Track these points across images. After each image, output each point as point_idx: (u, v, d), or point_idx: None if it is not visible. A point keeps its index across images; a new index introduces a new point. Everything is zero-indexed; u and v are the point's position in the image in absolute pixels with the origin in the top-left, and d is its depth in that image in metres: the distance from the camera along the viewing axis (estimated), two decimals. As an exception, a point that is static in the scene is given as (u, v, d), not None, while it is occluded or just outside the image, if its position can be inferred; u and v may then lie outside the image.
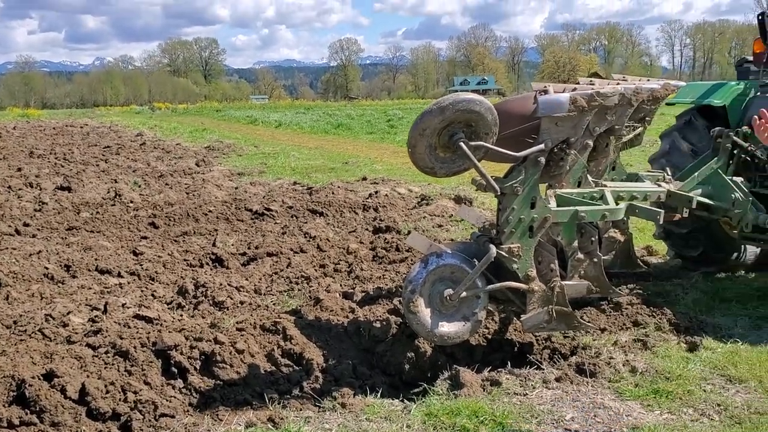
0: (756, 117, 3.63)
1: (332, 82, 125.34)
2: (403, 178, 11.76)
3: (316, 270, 6.11)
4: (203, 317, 4.92)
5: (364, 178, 11.82)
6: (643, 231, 7.14)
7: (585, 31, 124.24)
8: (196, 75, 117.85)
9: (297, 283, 5.77)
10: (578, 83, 4.84)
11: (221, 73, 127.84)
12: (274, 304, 5.28)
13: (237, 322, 4.49)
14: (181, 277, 6.05)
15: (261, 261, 6.48)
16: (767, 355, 4.18)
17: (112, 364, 3.86)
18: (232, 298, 5.35)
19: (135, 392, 3.63)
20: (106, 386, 3.61)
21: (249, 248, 6.94)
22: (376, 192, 9.86)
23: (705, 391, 3.71)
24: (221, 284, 5.62)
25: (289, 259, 6.41)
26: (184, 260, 6.65)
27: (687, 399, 3.61)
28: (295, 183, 11.69)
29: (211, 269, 6.38)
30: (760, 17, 5.77)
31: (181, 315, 5.08)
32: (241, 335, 4.22)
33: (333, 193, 9.95)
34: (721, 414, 3.48)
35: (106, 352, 3.98)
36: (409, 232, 7.49)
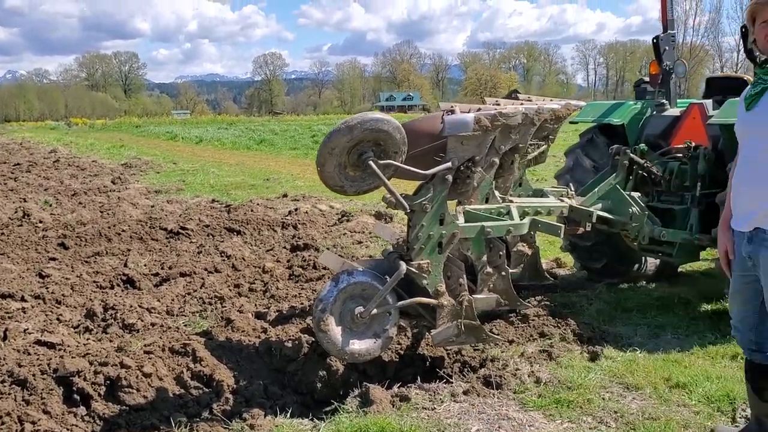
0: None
1: (256, 96, 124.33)
2: (324, 194, 11.75)
3: (230, 290, 6.03)
4: (111, 341, 4.78)
5: (285, 195, 11.76)
6: (553, 244, 7.38)
7: (505, 49, 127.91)
8: (116, 89, 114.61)
9: (210, 304, 5.69)
10: (517, 97, 5.04)
11: (142, 87, 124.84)
12: (185, 325, 5.18)
13: (145, 345, 4.38)
14: (90, 299, 5.85)
15: (174, 281, 6.34)
16: (663, 362, 4.39)
17: (9, 394, 3.69)
18: (142, 320, 5.22)
19: (33, 422, 3.49)
20: (1, 417, 3.46)
21: (162, 268, 6.79)
22: (296, 209, 9.83)
23: (604, 399, 3.86)
24: (131, 306, 5.47)
25: (203, 279, 6.31)
26: (94, 282, 6.44)
27: (586, 407, 3.75)
28: (213, 201, 11.51)
29: (122, 291, 6.20)
30: (654, 41, 6.10)
31: (88, 339, 4.91)
32: (149, 358, 4.12)
33: (252, 210, 9.86)
34: (618, 421, 3.63)
35: (2, 382, 3.81)
36: (327, 249, 7.53)
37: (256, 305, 5.57)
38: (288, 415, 3.79)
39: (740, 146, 3.14)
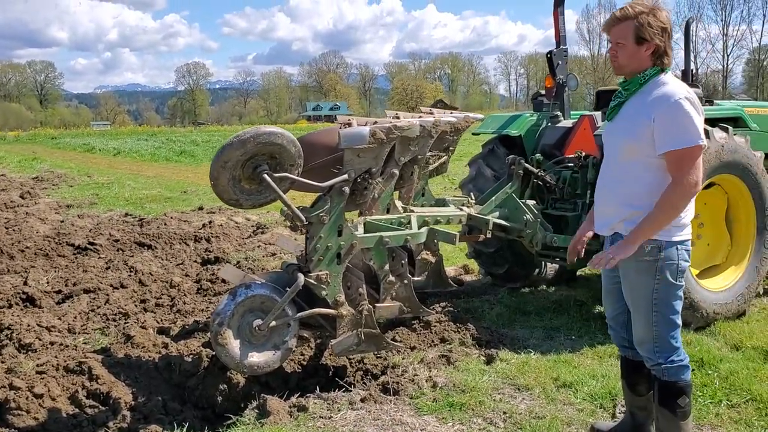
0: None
1: (179, 107, 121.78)
2: (241, 206, 11.66)
3: (135, 305, 5.94)
4: (2, 362, 4.63)
5: (201, 208, 11.62)
6: (462, 251, 7.58)
7: (430, 60, 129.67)
8: (31, 100, 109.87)
9: (114, 320, 5.58)
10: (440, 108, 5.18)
11: (59, 98, 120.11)
12: (85, 343, 5.07)
13: (37, 365, 4.28)
14: (-16, 320, 5.64)
15: (77, 298, 6.19)
16: (554, 363, 4.59)
17: None
18: (40, 340, 5.07)
19: None
20: None
21: (66, 285, 6.61)
22: (211, 222, 9.73)
23: (495, 400, 4.02)
24: (29, 325, 5.30)
25: (107, 295, 6.18)
26: (-9, 301, 6.20)
27: (478, 409, 3.89)
28: (126, 214, 11.26)
29: (20, 310, 5.99)
30: (548, 55, 6.38)
31: (-21, 362, 4.74)
32: (42, 378, 4.04)
33: (165, 224, 9.70)
34: (506, 421, 3.78)
35: None
36: (237, 263, 7.50)
37: (160, 321, 5.51)
38: (185, 430, 3.78)
39: (604, 154, 3.35)
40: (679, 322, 3.18)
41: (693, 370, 4.31)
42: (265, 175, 3.94)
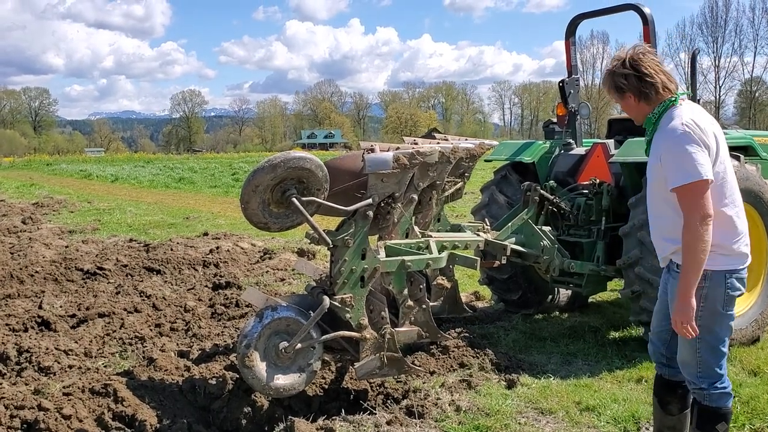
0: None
1: (175, 134, 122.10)
2: (246, 232, 11.71)
3: (151, 329, 5.95)
4: (26, 384, 4.63)
5: (206, 234, 11.64)
6: (472, 278, 7.63)
7: (424, 89, 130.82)
8: (25, 126, 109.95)
9: (131, 344, 5.59)
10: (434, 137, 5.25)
11: (53, 124, 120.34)
12: (105, 366, 5.08)
13: (64, 387, 4.29)
14: (2, 343, 5.63)
15: (92, 322, 6.19)
16: (574, 387, 4.63)
17: None
18: (59, 363, 5.07)
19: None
20: None
21: (79, 309, 6.61)
22: (218, 247, 9.75)
23: (520, 423, 4.05)
24: (48, 348, 5.30)
25: (122, 319, 6.19)
26: (6, 325, 6.19)
27: (504, 432, 3.91)
28: (131, 240, 11.26)
29: (36, 333, 5.99)
30: (560, 84, 6.52)
31: (1, 383, 4.74)
32: (69, 400, 4.04)
33: (171, 249, 9.71)
34: (533, 443, 3.81)
35: None
36: (250, 286, 7.51)
37: (178, 344, 5.52)
38: (212, 452, 3.78)
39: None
40: (725, 350, 3.18)
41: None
42: (294, 199, 4.00)
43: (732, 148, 5.49)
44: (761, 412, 4.10)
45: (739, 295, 3.18)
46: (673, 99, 3.13)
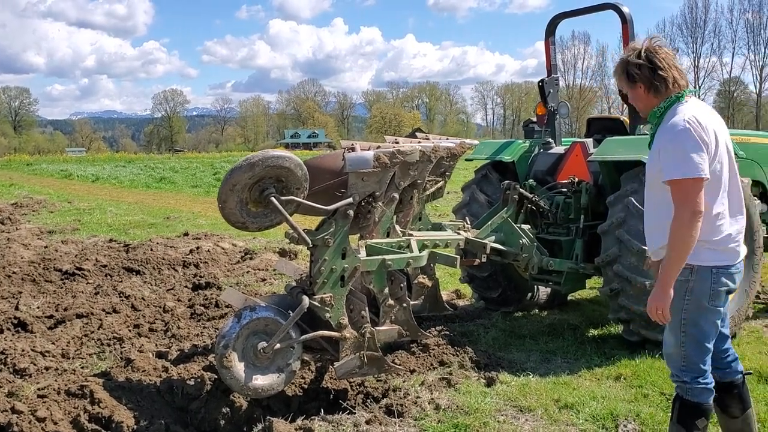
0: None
1: (156, 133, 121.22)
2: (227, 232, 11.64)
3: (129, 330, 5.89)
4: (1, 387, 4.56)
5: (186, 234, 11.56)
6: (453, 276, 7.65)
7: (408, 89, 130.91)
8: (5, 126, 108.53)
9: (109, 345, 5.54)
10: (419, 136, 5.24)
11: (33, 124, 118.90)
12: (82, 367, 5.02)
13: (39, 389, 4.22)
14: (-23, 345, 5.56)
15: (70, 323, 6.12)
16: (553, 385, 4.66)
17: None
18: (35, 364, 5.01)
19: None
20: None
21: (57, 310, 6.53)
22: (198, 248, 9.68)
23: (499, 421, 4.06)
24: (24, 350, 5.23)
25: (100, 320, 6.12)
26: (-19, 327, 6.11)
27: (482, 431, 3.92)
28: (111, 240, 11.15)
29: (13, 335, 5.91)
30: (540, 84, 6.55)
31: (-26, 387, 4.67)
32: (44, 402, 3.98)
33: (151, 249, 9.62)
34: (512, 441, 3.82)
35: None
36: (230, 287, 7.47)
37: (156, 345, 5.48)
38: (190, 453, 3.75)
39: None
40: (710, 346, 3.19)
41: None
42: (273, 198, 3.98)
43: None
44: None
45: (728, 292, 3.19)
46: (680, 95, 3.17)
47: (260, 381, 4.00)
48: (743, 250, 3.25)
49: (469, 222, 5.74)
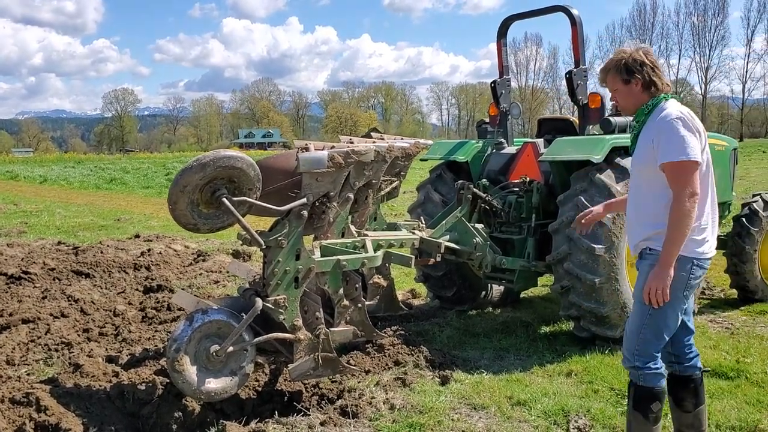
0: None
1: (107, 133, 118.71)
2: (179, 234, 11.46)
3: (78, 335, 5.75)
4: (-60, 396, 4.40)
5: (137, 236, 11.34)
6: (409, 276, 7.68)
7: (364, 88, 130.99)
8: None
9: (56, 350, 5.39)
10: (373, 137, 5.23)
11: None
12: (28, 374, 4.88)
13: (-20, 398, 4.09)
14: None
15: (15, 329, 5.93)
16: (506, 382, 4.71)
17: None
18: (-22, 372, 4.85)
19: None
20: None
21: (2, 316, 6.33)
22: (149, 250, 9.51)
23: (453, 420, 4.08)
24: (-35, 358, 5.07)
25: (48, 325, 5.96)
26: None
27: (437, 429, 3.94)
28: (59, 243, 10.86)
29: (-47, 342, 5.71)
30: (492, 85, 6.63)
31: None
32: (-14, 411, 3.86)
33: (102, 252, 9.42)
34: (466, 439, 3.85)
35: None
36: (182, 289, 7.36)
37: (106, 349, 5.36)
38: (141, 459, 3.68)
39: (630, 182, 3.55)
40: (667, 337, 3.29)
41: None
42: (224, 199, 3.94)
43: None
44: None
45: (698, 284, 3.31)
46: (666, 96, 3.31)
47: (213, 384, 3.95)
48: (715, 243, 3.35)
49: (424, 221, 5.78)
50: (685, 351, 3.48)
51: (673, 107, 3.24)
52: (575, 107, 6.21)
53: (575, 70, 5.96)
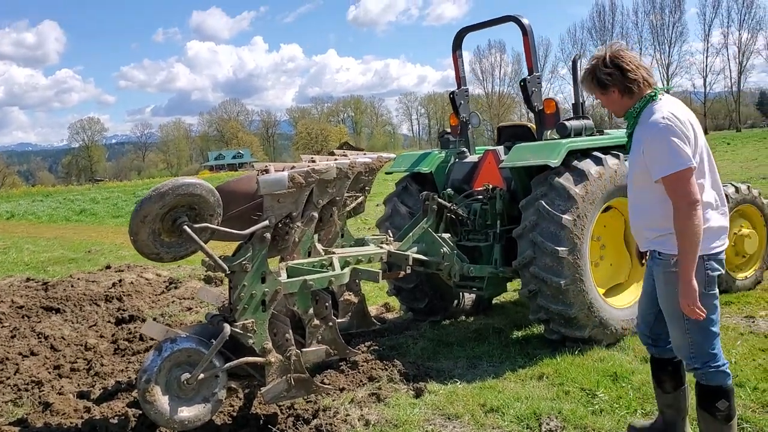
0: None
1: (75, 164, 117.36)
2: (150, 263, 11.29)
3: (49, 372, 5.68)
4: None
5: (108, 267, 11.22)
6: (382, 290, 7.70)
7: (333, 103, 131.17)
8: None
9: (26, 390, 5.31)
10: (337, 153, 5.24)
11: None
12: (-3, 417, 4.80)
13: (-52, 445, 4.03)
14: None
15: (-17, 371, 5.84)
16: (479, 390, 4.74)
17: None
18: (-55, 418, 4.76)
19: None
20: None
21: (-31, 358, 6.23)
22: (121, 280, 9.42)
23: (427, 431, 4.11)
24: (-68, 404, 4.98)
25: (17, 364, 5.87)
26: None
27: (411, 442, 3.96)
28: (28, 279, 10.69)
29: None
30: (451, 96, 6.71)
31: None
32: (-46, 459, 3.80)
33: (72, 286, 9.30)
34: (441, 449, 3.87)
35: None
36: (154, 319, 7.30)
37: (78, 385, 5.30)
38: (116, 495, 3.64)
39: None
40: (716, 330, 3.29)
41: (608, 383, 4.59)
42: (186, 227, 3.93)
43: (613, 147, 5.81)
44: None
45: (719, 275, 3.30)
46: (653, 94, 3.30)
47: (186, 413, 3.93)
48: (726, 238, 3.37)
49: (392, 234, 5.80)
50: (665, 336, 3.51)
51: (661, 109, 3.21)
52: (531, 114, 6.30)
53: (529, 77, 6.05)
